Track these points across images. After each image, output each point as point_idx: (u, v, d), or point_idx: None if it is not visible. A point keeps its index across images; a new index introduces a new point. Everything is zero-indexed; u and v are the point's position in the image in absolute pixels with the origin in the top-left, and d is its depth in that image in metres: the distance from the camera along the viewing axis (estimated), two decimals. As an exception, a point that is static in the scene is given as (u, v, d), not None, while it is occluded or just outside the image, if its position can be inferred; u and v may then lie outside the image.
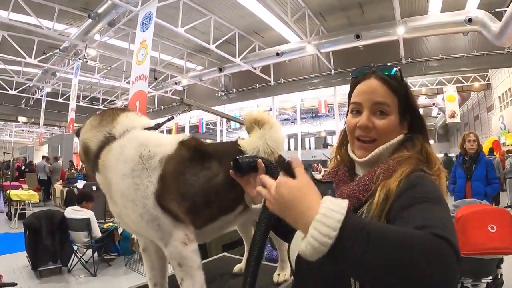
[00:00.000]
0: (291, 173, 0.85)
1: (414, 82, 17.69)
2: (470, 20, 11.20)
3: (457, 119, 17.89)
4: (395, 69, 1.11)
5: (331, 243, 0.69)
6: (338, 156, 1.28)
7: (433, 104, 25.46)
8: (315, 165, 24.86)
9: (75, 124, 17.51)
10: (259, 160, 1.15)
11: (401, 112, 1.09)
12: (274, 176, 0.90)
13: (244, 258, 2.05)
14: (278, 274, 1.86)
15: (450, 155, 21.81)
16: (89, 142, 1.45)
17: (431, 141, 34.61)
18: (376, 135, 1.07)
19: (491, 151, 10.79)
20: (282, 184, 0.83)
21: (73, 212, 5.51)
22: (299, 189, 0.80)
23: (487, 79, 17.03)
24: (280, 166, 1.04)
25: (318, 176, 1.42)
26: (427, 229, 0.72)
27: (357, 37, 12.79)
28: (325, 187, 0.91)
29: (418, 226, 0.74)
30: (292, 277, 1.13)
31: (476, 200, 4.06)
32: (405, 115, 1.11)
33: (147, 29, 9.48)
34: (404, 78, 1.12)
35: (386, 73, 1.10)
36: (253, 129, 1.73)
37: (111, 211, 1.50)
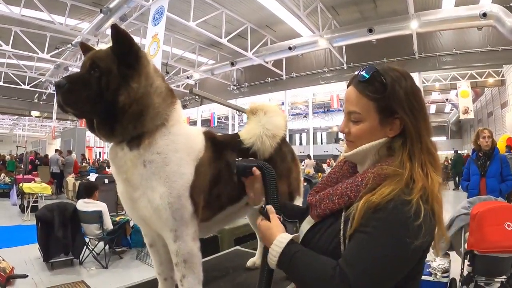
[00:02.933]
0: (267, 217, 1.20)
1: (428, 77, 17.46)
2: (484, 15, 11.01)
3: (471, 115, 17.59)
4: (364, 73, 1.12)
5: (275, 263, 1.09)
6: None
7: (447, 99, 25.18)
8: (328, 160, 24.76)
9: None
10: (254, 167, 1.31)
11: (382, 115, 1.10)
12: (270, 180, 1.28)
13: (257, 252, 2.04)
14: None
15: (462, 152, 21.56)
16: (153, 106, 1.33)
17: (443, 138, 34.07)
18: (352, 139, 1.17)
19: (509, 148, 10.60)
20: (261, 225, 1.20)
21: (85, 205, 5.54)
22: (268, 228, 1.17)
23: (501, 74, 16.68)
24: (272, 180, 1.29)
25: (328, 170, 1.48)
26: (344, 269, 0.95)
27: (370, 31, 12.66)
28: (291, 225, 1.22)
29: (346, 259, 0.98)
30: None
31: (491, 197, 4.00)
32: (391, 117, 1.10)
33: (158, 23, 9.48)
34: (387, 77, 1.09)
35: (360, 79, 1.12)
36: (250, 118, 1.79)
37: (122, 193, 1.42)
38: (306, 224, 1.23)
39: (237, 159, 1.32)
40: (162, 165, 1.33)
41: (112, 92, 1.25)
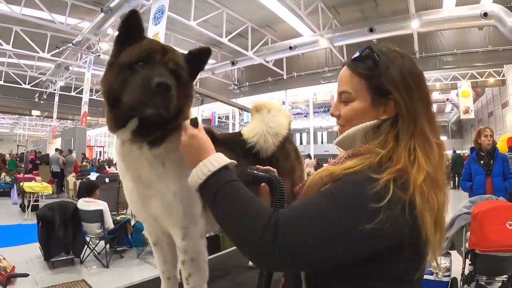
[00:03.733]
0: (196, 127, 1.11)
1: (428, 77, 17.41)
2: (485, 14, 11.00)
3: (471, 115, 17.55)
4: (358, 53, 1.07)
5: (198, 185, 1.00)
6: None
7: (447, 99, 25.16)
8: (329, 159, 24.75)
9: (88, 118, 17.66)
10: (263, 184, 1.20)
11: (374, 95, 1.03)
12: (277, 196, 1.12)
13: None
14: None
15: (463, 151, 21.49)
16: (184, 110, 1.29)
17: (444, 138, 34.04)
18: (342, 122, 1.11)
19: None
20: (190, 136, 1.11)
21: (86, 204, 5.54)
22: (200, 144, 1.09)
23: (502, 74, 16.63)
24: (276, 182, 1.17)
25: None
26: (279, 215, 0.87)
27: (371, 30, 12.65)
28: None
29: (285, 211, 0.91)
30: None
31: (492, 196, 3.99)
32: (384, 97, 1.02)
33: (159, 22, 9.50)
34: (381, 55, 1.03)
35: (353, 57, 1.08)
36: (254, 116, 1.79)
37: (130, 191, 1.37)
38: None
39: (249, 167, 1.25)
40: (177, 163, 1.30)
41: (183, 101, 1.22)
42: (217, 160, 1.02)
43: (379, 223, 0.82)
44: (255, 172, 1.22)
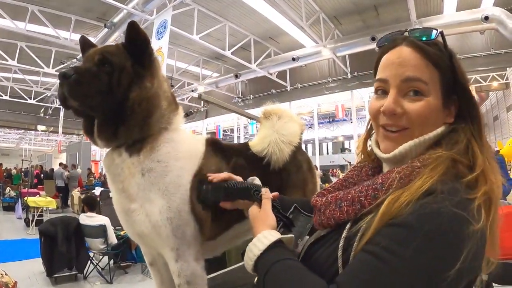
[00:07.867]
0: (260, 202, 1.01)
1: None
2: (486, 18, 10.95)
3: (477, 121, 17.44)
4: (434, 32, 0.83)
5: (251, 268, 0.87)
6: (363, 152, 1.05)
7: (452, 106, 25.07)
8: (334, 170, 24.65)
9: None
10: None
11: (445, 93, 0.82)
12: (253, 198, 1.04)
13: None
14: None
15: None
16: (160, 108, 1.27)
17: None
18: (408, 123, 0.81)
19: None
20: (249, 213, 1.00)
21: (88, 219, 5.49)
22: (255, 218, 0.97)
23: (505, 77, 16.58)
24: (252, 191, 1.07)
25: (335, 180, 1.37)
26: None
27: (373, 39, 12.59)
28: (306, 220, 1.00)
29: (337, 281, 0.71)
30: None
31: (504, 201, 3.92)
32: (451, 97, 0.83)
33: (162, 37, 9.52)
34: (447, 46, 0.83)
35: (424, 38, 0.83)
36: (263, 123, 1.67)
37: (116, 205, 1.32)
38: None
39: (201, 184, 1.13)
40: (161, 174, 1.22)
41: (124, 88, 1.18)
42: (261, 241, 0.87)
43: (471, 260, 0.66)
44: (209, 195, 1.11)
